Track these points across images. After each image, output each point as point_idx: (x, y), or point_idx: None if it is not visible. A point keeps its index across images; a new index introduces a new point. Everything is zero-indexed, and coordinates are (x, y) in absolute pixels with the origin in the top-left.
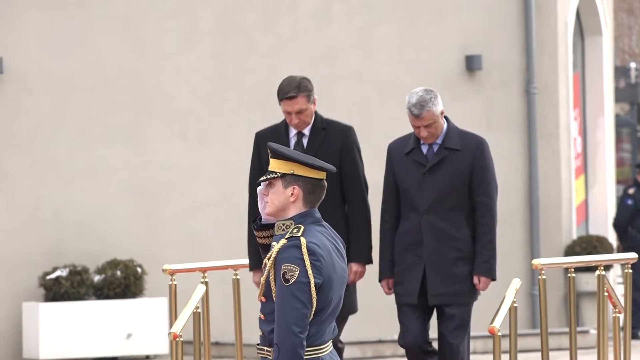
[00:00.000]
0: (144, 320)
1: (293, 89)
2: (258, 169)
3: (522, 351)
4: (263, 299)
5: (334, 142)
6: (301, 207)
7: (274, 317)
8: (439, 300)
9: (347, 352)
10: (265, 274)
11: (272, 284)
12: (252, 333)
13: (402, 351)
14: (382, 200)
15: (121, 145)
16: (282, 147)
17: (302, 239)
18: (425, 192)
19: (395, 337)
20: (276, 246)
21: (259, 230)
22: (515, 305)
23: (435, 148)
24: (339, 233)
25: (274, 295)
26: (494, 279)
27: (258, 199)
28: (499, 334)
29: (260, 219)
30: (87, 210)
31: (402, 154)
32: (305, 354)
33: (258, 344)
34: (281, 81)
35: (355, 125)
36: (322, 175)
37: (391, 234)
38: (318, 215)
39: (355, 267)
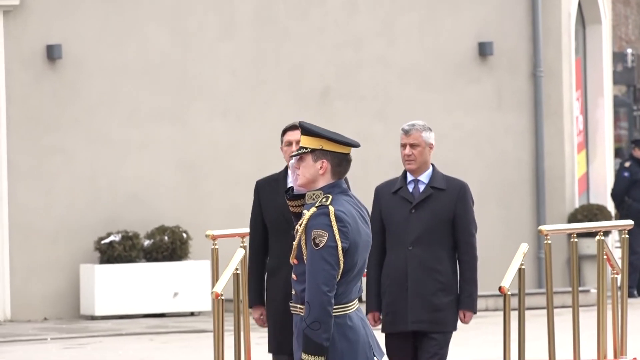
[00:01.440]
0: (188, 281)
1: (297, 124)
2: (258, 212)
3: (529, 309)
4: (295, 261)
5: None
6: (329, 179)
7: (305, 278)
8: (419, 326)
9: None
10: (297, 238)
11: (304, 247)
12: None
13: None
14: None
15: (168, 124)
16: (312, 125)
17: (331, 208)
18: (411, 227)
19: None
20: (307, 214)
21: (292, 200)
22: (523, 267)
23: (422, 187)
24: None
25: (305, 258)
26: (475, 312)
27: (290, 171)
28: (509, 293)
29: (293, 189)
30: (138, 181)
31: (389, 193)
32: (334, 310)
33: (291, 302)
34: None
35: (378, 106)
36: (348, 150)
37: (377, 270)
38: (344, 186)
39: None
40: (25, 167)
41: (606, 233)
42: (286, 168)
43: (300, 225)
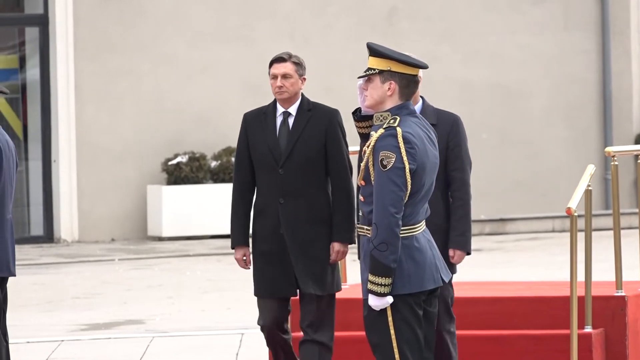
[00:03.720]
0: None
1: (285, 54)
2: (244, 148)
3: (596, 230)
4: (362, 182)
5: (320, 124)
6: (397, 100)
7: (373, 199)
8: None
9: None
10: (364, 160)
11: (371, 169)
12: None
13: (494, 229)
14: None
15: (234, 45)
16: (380, 46)
17: (398, 129)
18: None
19: (483, 217)
20: (374, 135)
21: (359, 121)
22: (590, 188)
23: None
24: (322, 215)
25: (372, 179)
26: (469, 253)
27: (358, 93)
28: (576, 214)
29: (360, 110)
30: (204, 102)
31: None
32: (401, 232)
33: (358, 223)
34: None
35: (444, 27)
36: (416, 71)
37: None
38: (412, 107)
39: (337, 246)
40: (92, 88)
41: None
42: (275, 101)
43: (367, 147)
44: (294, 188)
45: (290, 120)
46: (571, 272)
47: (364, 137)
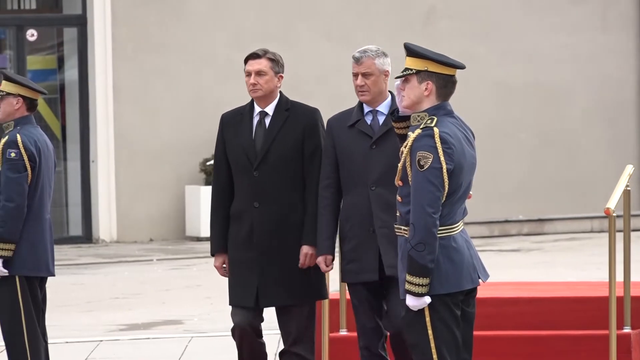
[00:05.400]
0: None
1: (260, 50)
2: (221, 150)
3: (634, 230)
4: (400, 182)
5: (298, 124)
6: (434, 101)
7: (410, 200)
8: (394, 271)
9: (476, 230)
10: (402, 160)
11: (408, 169)
12: None
13: (532, 229)
14: (320, 177)
15: (273, 45)
16: (417, 46)
17: (435, 129)
18: (373, 165)
19: (521, 217)
20: (412, 136)
21: (397, 122)
22: (628, 188)
23: (381, 119)
24: (296, 215)
25: (409, 179)
26: None
27: (395, 93)
28: (614, 214)
29: (398, 111)
30: (238, 101)
31: (344, 127)
32: (438, 232)
33: (395, 224)
34: None
35: (482, 26)
36: (453, 71)
37: (330, 210)
38: (450, 107)
39: (306, 249)
40: (130, 89)
41: None
42: (252, 101)
43: (405, 147)
44: (269, 191)
45: (267, 120)
46: (610, 272)
47: (402, 138)
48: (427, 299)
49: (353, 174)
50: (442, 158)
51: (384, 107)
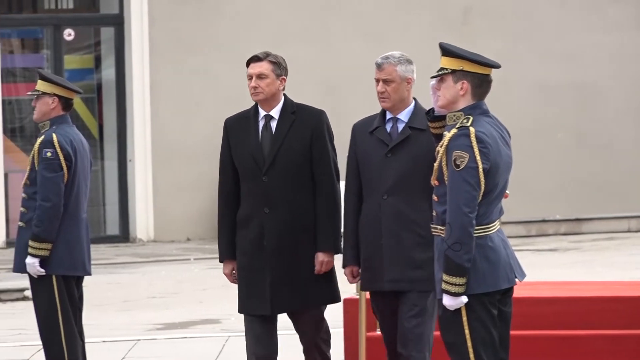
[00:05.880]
0: None
1: (261, 53)
2: (227, 155)
3: None
4: (436, 182)
5: (305, 127)
6: (470, 100)
7: (446, 199)
8: (395, 286)
9: (513, 230)
10: (437, 160)
11: (444, 169)
12: None
13: (569, 229)
14: (345, 182)
15: (310, 44)
16: (452, 46)
17: (471, 129)
18: (387, 173)
19: (558, 216)
20: (447, 135)
21: (432, 121)
22: None
23: (400, 127)
24: (306, 220)
25: (445, 179)
26: None
27: (431, 93)
28: None
29: (433, 111)
30: None
31: (366, 132)
32: (475, 232)
33: (432, 223)
34: None
35: (519, 25)
36: (488, 71)
37: (354, 217)
38: (485, 107)
39: (321, 256)
40: (167, 88)
41: None
42: (256, 105)
43: (441, 147)
44: (279, 196)
45: (273, 124)
46: None
47: (438, 138)
48: (464, 299)
49: (369, 182)
50: (478, 157)
51: (404, 115)
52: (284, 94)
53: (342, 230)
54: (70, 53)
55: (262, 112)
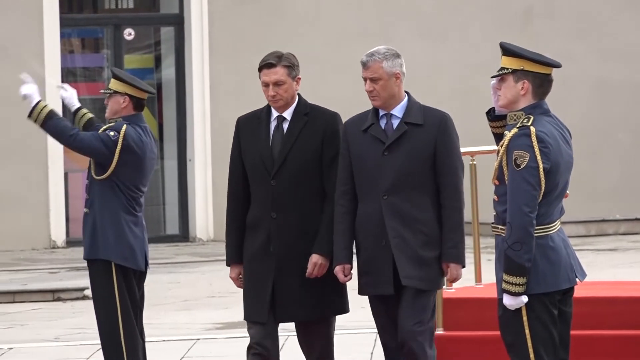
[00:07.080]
0: None
1: (273, 58)
2: (237, 156)
3: None
4: (496, 182)
5: (317, 130)
6: (530, 100)
7: (507, 199)
8: (410, 282)
9: (573, 229)
10: (498, 159)
11: (505, 168)
12: (487, 213)
13: (629, 228)
14: (337, 183)
15: (370, 43)
16: (513, 45)
17: (532, 128)
18: (384, 172)
19: (618, 216)
20: (508, 135)
21: (493, 121)
22: None
23: (395, 123)
24: (313, 224)
25: (506, 179)
26: (463, 266)
27: (491, 92)
28: None
29: (494, 110)
30: (340, 101)
31: (359, 131)
32: (535, 231)
33: (492, 223)
34: None
35: (579, 25)
36: (549, 70)
37: (348, 218)
38: (546, 106)
39: (315, 258)
40: (227, 87)
41: None
42: (268, 106)
43: (501, 146)
44: (287, 201)
45: (285, 126)
46: None
47: (498, 137)
48: (524, 298)
49: (365, 182)
50: (538, 157)
51: (398, 111)
52: (298, 94)
53: (334, 228)
54: (130, 53)
55: (274, 113)
